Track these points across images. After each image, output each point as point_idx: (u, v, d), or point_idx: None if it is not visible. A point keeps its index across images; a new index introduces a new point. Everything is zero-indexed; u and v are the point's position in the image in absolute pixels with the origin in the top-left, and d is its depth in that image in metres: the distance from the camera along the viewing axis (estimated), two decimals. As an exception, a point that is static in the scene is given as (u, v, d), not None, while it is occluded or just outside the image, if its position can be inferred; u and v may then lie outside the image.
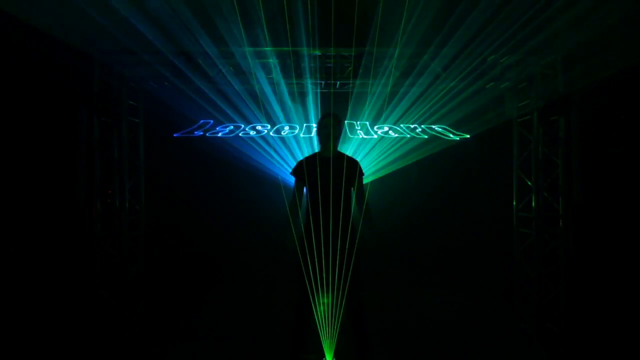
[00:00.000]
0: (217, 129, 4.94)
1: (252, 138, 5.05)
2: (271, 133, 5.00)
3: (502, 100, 4.67)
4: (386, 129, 5.05)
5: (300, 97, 4.89)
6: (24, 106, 4.18)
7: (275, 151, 5.19)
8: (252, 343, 4.04)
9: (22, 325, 3.88)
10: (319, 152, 3.36)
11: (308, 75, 4.26)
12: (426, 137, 5.05)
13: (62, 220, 4.20)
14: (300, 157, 3.84)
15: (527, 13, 3.28)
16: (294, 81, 4.42)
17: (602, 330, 3.94)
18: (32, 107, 4.25)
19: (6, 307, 3.88)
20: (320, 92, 4.77)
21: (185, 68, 4.05)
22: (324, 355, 3.30)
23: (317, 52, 4.06)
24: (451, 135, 4.99)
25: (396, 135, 5.04)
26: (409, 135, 5.00)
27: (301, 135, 5.08)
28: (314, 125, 5.09)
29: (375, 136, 5.08)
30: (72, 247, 4.13)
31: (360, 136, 5.11)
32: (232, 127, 4.95)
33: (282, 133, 5.02)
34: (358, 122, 5.12)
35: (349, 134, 5.14)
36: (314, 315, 3.15)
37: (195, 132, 4.92)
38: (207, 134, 4.93)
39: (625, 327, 3.91)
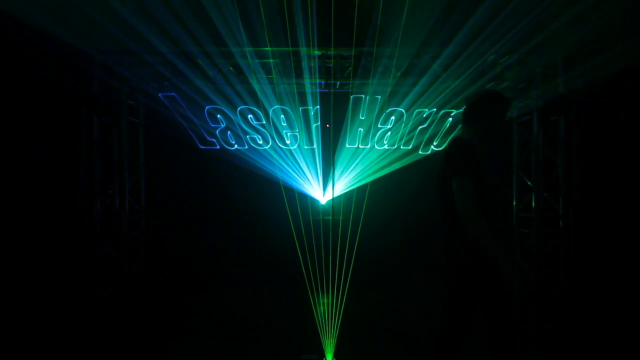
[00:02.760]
0: (228, 134, 4.87)
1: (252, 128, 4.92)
2: (277, 142, 4.93)
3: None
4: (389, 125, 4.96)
5: (299, 97, 4.84)
6: (24, 106, 4.18)
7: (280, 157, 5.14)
8: (252, 344, 4.03)
9: (22, 325, 3.89)
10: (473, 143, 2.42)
11: (308, 76, 4.25)
12: (409, 147, 5.05)
13: (62, 220, 4.21)
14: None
15: (527, 13, 3.28)
16: (294, 81, 4.41)
17: (602, 330, 3.94)
18: (32, 107, 4.26)
19: (6, 306, 3.89)
20: (320, 92, 4.75)
21: (186, 68, 4.05)
22: (324, 355, 3.30)
23: (317, 52, 4.06)
24: (433, 147, 5.02)
25: (386, 147, 5.05)
26: (394, 147, 5.03)
27: (305, 147, 5.00)
28: (312, 108, 4.84)
29: (368, 146, 5.07)
30: (72, 247, 4.13)
31: (357, 145, 5.10)
32: (225, 121, 4.73)
33: (287, 142, 4.95)
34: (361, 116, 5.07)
35: (346, 145, 5.10)
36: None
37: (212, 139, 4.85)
38: (224, 146, 4.84)
39: (625, 327, 3.91)
